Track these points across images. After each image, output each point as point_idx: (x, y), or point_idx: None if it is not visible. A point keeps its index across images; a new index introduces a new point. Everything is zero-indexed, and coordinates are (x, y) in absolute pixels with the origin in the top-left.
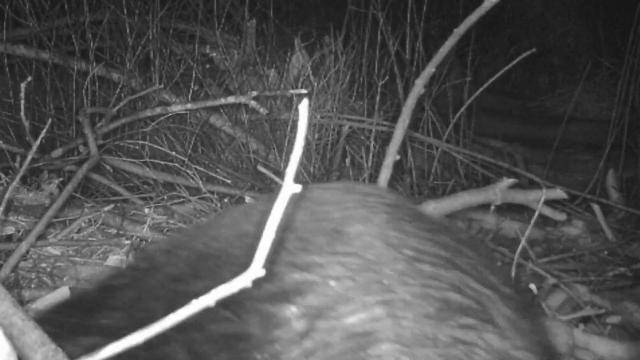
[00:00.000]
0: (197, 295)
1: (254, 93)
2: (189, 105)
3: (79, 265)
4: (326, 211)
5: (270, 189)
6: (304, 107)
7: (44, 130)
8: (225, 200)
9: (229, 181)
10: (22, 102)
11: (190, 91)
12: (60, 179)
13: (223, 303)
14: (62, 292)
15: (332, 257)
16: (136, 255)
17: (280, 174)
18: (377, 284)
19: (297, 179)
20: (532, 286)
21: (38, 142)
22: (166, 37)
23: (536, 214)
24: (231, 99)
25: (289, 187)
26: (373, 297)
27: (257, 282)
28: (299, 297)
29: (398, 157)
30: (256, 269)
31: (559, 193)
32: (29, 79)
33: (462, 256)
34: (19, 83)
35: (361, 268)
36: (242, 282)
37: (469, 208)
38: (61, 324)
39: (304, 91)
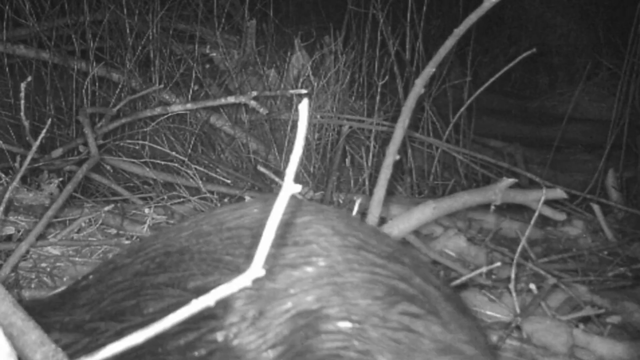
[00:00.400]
0: (164, 285)
1: (254, 93)
2: (189, 105)
3: (79, 265)
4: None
5: (270, 189)
6: (304, 107)
7: (44, 130)
8: (225, 200)
9: (229, 181)
10: (22, 102)
11: (190, 91)
12: (60, 179)
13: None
14: None
15: (285, 248)
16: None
17: (280, 174)
18: (327, 268)
19: (297, 179)
20: (532, 286)
21: (38, 142)
22: (166, 37)
23: (536, 214)
24: (231, 99)
25: (289, 187)
26: (323, 280)
27: (216, 271)
28: (254, 284)
29: (398, 157)
30: (256, 269)
31: (559, 193)
32: (29, 79)
33: (404, 256)
34: (19, 83)
35: (312, 254)
36: (242, 282)
37: (469, 208)
38: None
39: (304, 91)
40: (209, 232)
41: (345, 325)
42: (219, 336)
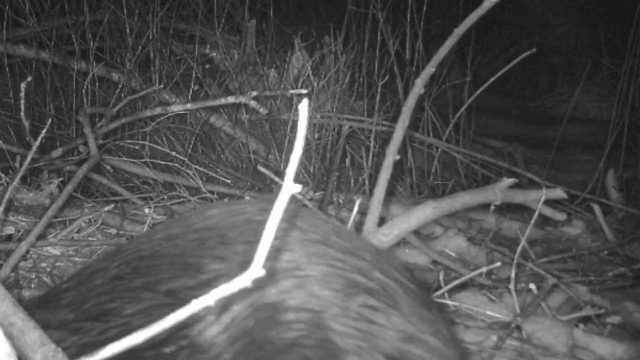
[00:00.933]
0: (139, 289)
1: (254, 93)
2: (189, 105)
3: (79, 265)
4: (242, 208)
5: (270, 189)
6: (304, 107)
7: (44, 130)
8: (226, 200)
9: (229, 181)
10: (22, 102)
11: (190, 91)
12: (60, 179)
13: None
14: None
15: (246, 246)
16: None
17: (280, 174)
18: (288, 262)
19: (297, 179)
20: (532, 286)
21: (38, 142)
22: (166, 37)
23: (536, 214)
24: (231, 99)
25: (289, 187)
26: (284, 274)
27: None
28: (216, 284)
29: (398, 157)
30: (256, 269)
31: (559, 193)
32: (29, 79)
33: (365, 251)
34: (19, 83)
35: (273, 249)
36: (242, 281)
37: (469, 208)
38: None
39: (304, 91)
40: (177, 235)
41: (304, 315)
42: (187, 332)
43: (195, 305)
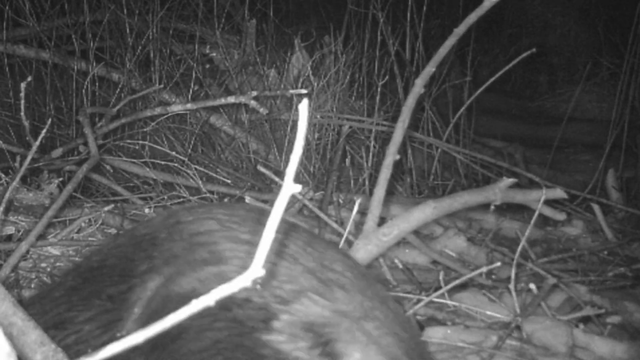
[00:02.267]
0: (89, 297)
1: (254, 93)
2: (189, 105)
3: None
4: (175, 212)
5: (270, 189)
6: (304, 107)
7: (44, 130)
8: (225, 200)
9: (229, 181)
10: (22, 102)
11: (190, 91)
12: (60, 179)
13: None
14: None
15: (170, 243)
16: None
17: (280, 174)
18: (210, 253)
19: (297, 179)
20: (532, 286)
21: (38, 142)
22: (166, 37)
23: (536, 214)
24: (231, 99)
25: (289, 187)
26: (202, 263)
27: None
28: (146, 284)
29: (398, 157)
30: (256, 269)
31: (559, 193)
32: (29, 79)
33: (299, 236)
34: (19, 83)
35: (197, 244)
36: (242, 281)
37: (469, 208)
38: None
39: (304, 91)
40: (122, 243)
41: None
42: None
43: (195, 306)
